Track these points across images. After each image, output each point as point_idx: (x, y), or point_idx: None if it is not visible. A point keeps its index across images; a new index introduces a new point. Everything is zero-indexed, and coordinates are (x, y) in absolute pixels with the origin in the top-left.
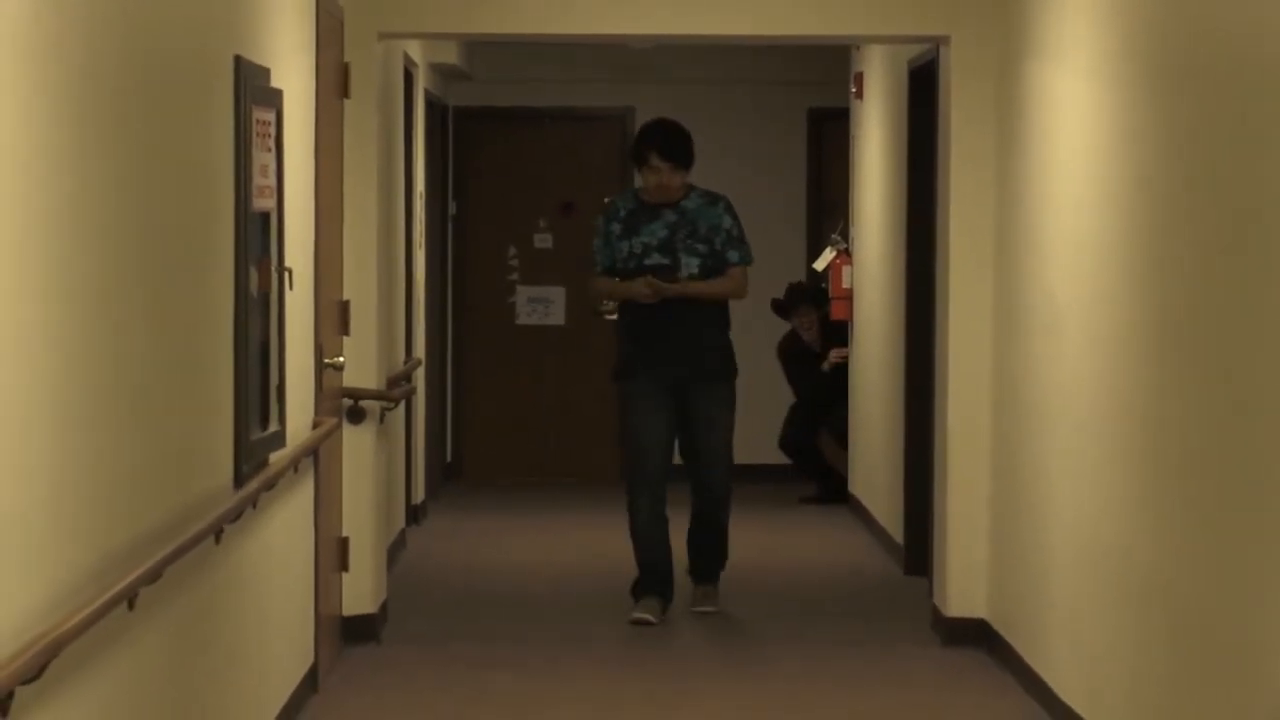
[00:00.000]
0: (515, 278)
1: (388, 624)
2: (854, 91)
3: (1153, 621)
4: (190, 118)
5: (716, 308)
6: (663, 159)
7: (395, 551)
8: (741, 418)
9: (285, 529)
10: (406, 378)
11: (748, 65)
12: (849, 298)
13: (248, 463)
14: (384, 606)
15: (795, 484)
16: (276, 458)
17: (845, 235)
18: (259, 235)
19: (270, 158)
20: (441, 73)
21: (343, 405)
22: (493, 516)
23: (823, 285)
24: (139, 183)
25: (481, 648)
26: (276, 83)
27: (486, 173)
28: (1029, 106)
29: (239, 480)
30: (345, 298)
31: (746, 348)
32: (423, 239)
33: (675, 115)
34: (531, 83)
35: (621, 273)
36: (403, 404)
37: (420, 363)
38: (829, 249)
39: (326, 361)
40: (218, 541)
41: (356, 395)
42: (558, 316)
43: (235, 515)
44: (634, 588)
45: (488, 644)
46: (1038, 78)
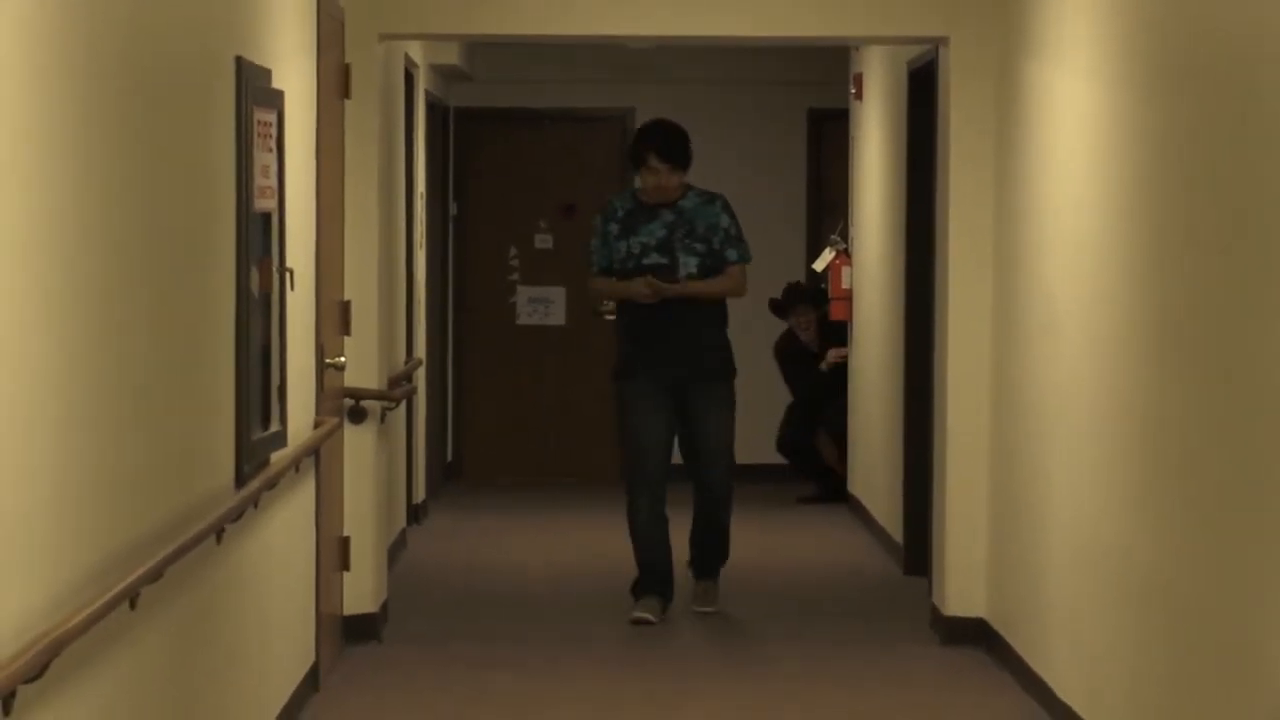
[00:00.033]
0: (516, 278)
1: (388, 623)
2: (853, 92)
3: (1152, 621)
4: (192, 118)
5: (715, 307)
6: (661, 160)
7: (396, 551)
8: (740, 418)
9: (286, 528)
10: (407, 378)
11: (748, 66)
12: (848, 298)
13: (249, 462)
14: (385, 606)
15: (794, 484)
16: (278, 457)
17: (845, 236)
18: (260, 236)
19: (271, 158)
20: (442, 73)
21: (344, 405)
22: (493, 516)
23: (822, 285)
24: (141, 183)
25: (482, 647)
26: (278, 84)
27: (487, 173)
28: (1028, 107)
29: (240, 480)
30: (346, 298)
31: (745, 347)
32: (423, 239)
33: (675, 116)
34: (532, 83)
35: (620, 273)
36: (403, 404)
37: (421, 363)
38: (828, 249)
39: (327, 361)
40: (219, 541)
41: (357, 395)
42: (558, 317)
43: (236, 515)
44: (634, 587)
45: (488, 643)
46: (1037, 78)
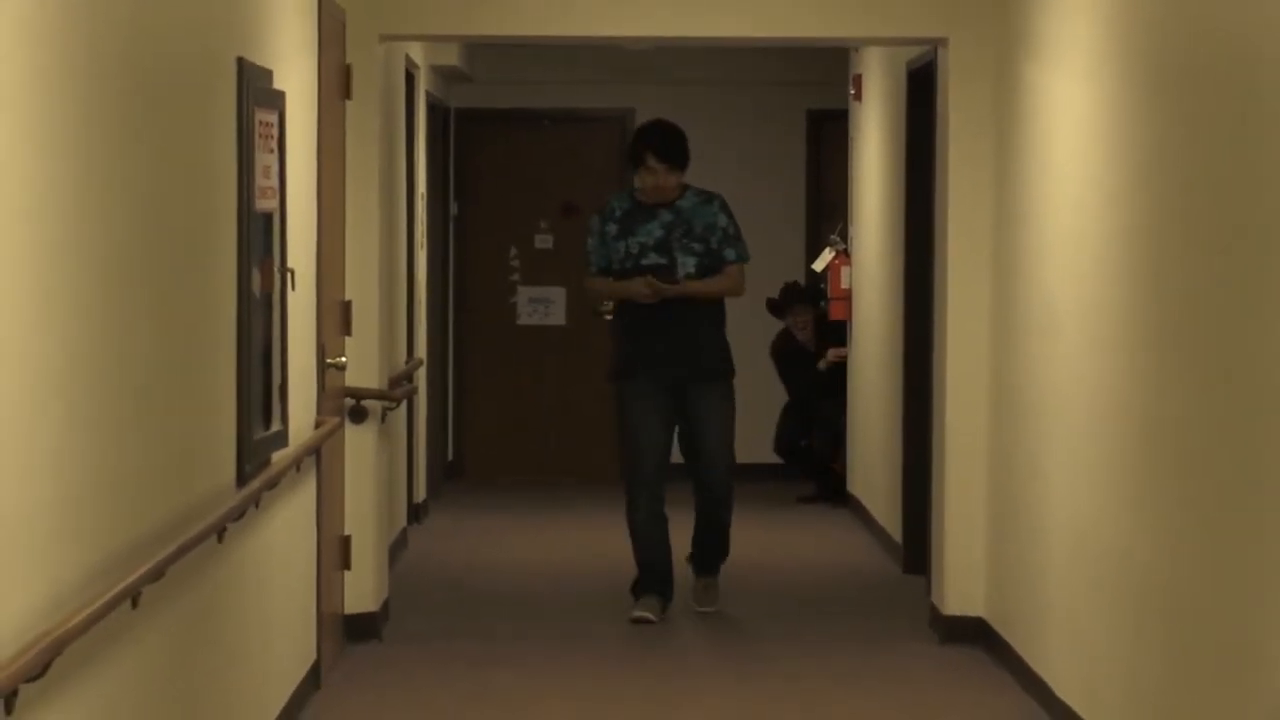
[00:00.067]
0: (516, 278)
1: (389, 622)
2: (853, 93)
3: (1150, 620)
4: (193, 119)
5: (714, 307)
6: (659, 160)
7: (397, 550)
8: (739, 417)
9: (287, 528)
10: (408, 377)
11: (747, 67)
12: (848, 298)
13: (250, 462)
14: (386, 605)
15: (793, 483)
16: (279, 457)
17: (844, 236)
18: (261, 236)
19: (273, 159)
20: (443, 74)
21: (345, 405)
22: (494, 515)
23: (822, 286)
24: (142, 184)
25: (482, 646)
26: (279, 84)
27: (487, 174)
28: (1027, 108)
29: (241, 479)
30: (347, 298)
31: (742, 347)
32: (424, 239)
33: (675, 116)
34: (532, 84)
35: (618, 273)
36: (404, 403)
37: (422, 362)
38: (828, 249)
39: (329, 361)
40: (220, 540)
41: (358, 395)
42: (558, 317)
43: (238, 514)
44: (634, 586)
45: (489, 642)
46: (1036, 79)
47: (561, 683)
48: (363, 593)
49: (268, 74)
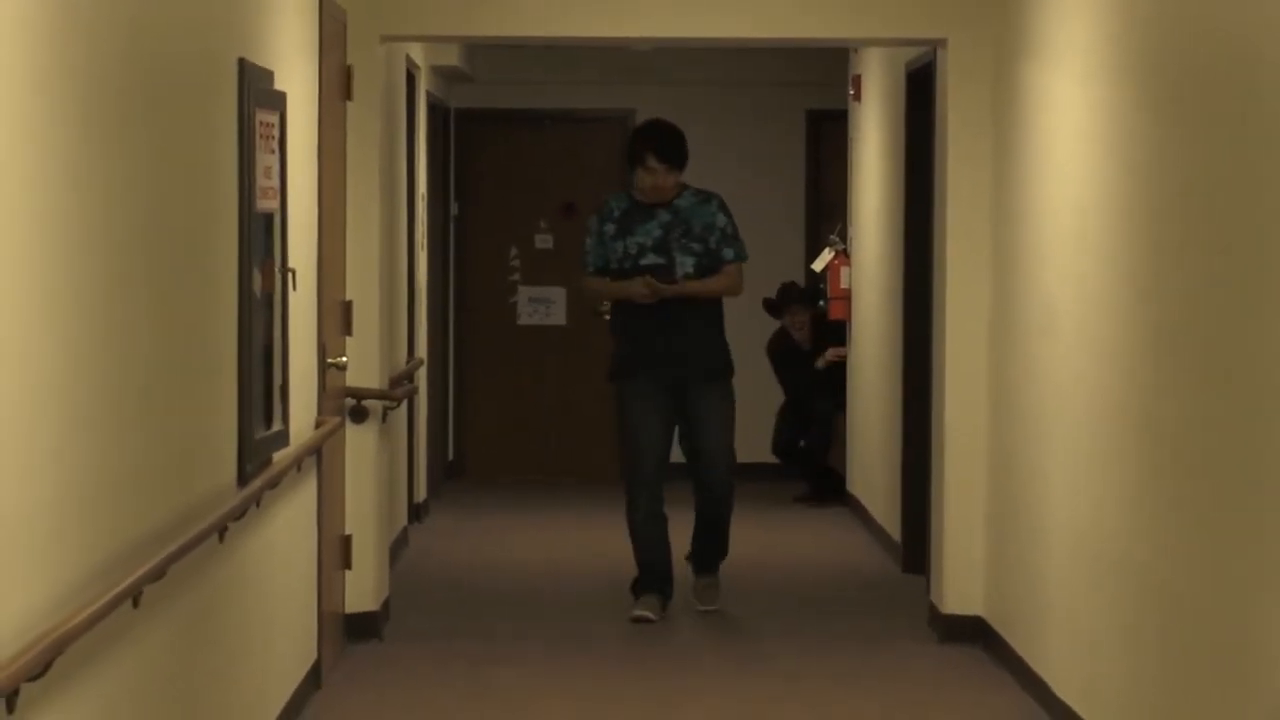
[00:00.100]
0: (516, 278)
1: (390, 621)
2: (852, 94)
3: (1149, 619)
4: (194, 120)
5: (712, 306)
6: (659, 160)
7: (397, 549)
8: (738, 417)
9: (288, 527)
10: (409, 377)
11: (747, 67)
12: (847, 298)
13: (251, 461)
14: (386, 604)
15: (792, 483)
16: (280, 456)
17: (843, 236)
18: (262, 236)
19: (274, 159)
20: (443, 75)
21: (345, 404)
22: (494, 515)
23: (821, 286)
24: (144, 184)
25: (483, 645)
26: (280, 85)
27: (488, 174)
28: (1026, 109)
29: (243, 479)
30: (348, 298)
31: (740, 347)
32: (425, 240)
33: (675, 117)
34: (533, 85)
35: (616, 273)
36: (405, 403)
37: (422, 362)
38: (827, 250)
39: (329, 361)
40: (221, 540)
41: (359, 395)
42: (559, 317)
43: (239, 514)
44: (634, 585)
45: (489, 641)
46: (1034, 80)
47: (562, 681)
48: (363, 592)
49: (269, 75)
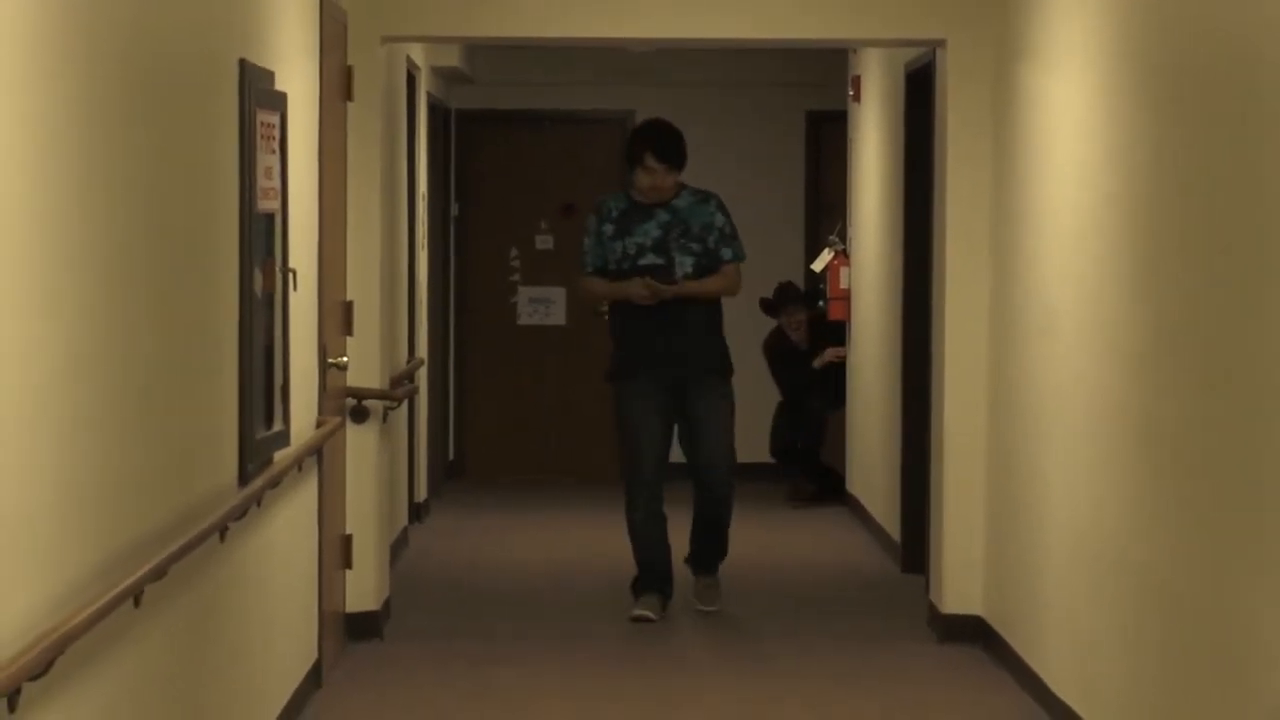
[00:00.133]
0: (517, 278)
1: (390, 620)
2: (851, 94)
3: (1147, 618)
4: (195, 120)
5: (711, 306)
6: (658, 160)
7: (398, 549)
8: (736, 417)
9: (289, 527)
10: (409, 377)
11: (747, 68)
12: (846, 298)
13: (252, 461)
14: (387, 603)
15: (792, 483)
16: (281, 456)
17: (843, 236)
18: (263, 236)
19: (274, 160)
20: (444, 76)
21: (346, 404)
22: (494, 514)
23: (821, 286)
24: (144, 185)
25: (483, 644)
26: (281, 86)
27: (488, 175)
28: (1025, 109)
29: (244, 479)
30: (349, 298)
31: (738, 347)
32: (425, 240)
33: (675, 118)
34: (533, 86)
35: (615, 273)
36: (405, 403)
37: (423, 362)
38: (827, 250)
39: (330, 361)
40: (222, 539)
41: (360, 394)
42: (559, 317)
43: (240, 513)
44: (634, 585)
45: (489, 640)
46: (1033, 81)
47: (562, 681)
48: (364, 591)
49: (269, 75)
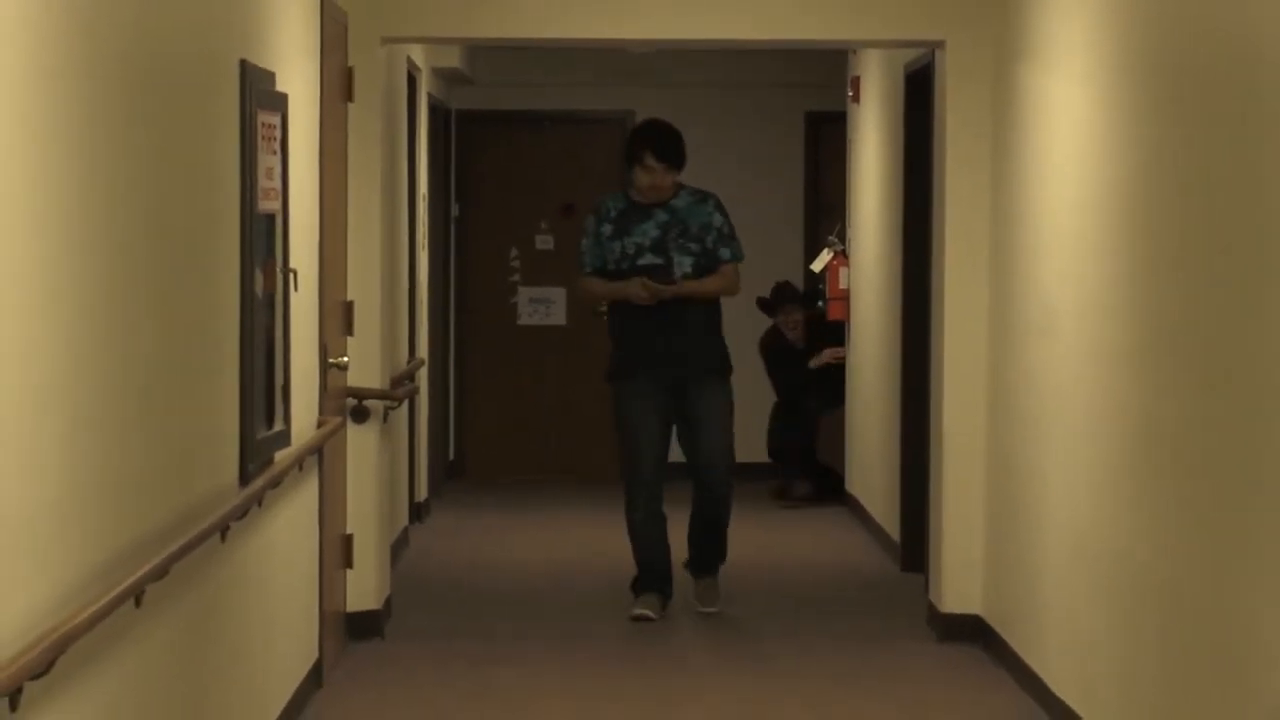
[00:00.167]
0: (517, 279)
1: (391, 620)
2: (851, 95)
3: (1146, 618)
4: (196, 121)
5: (710, 306)
6: (658, 159)
7: (398, 549)
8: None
9: (290, 527)
10: (410, 377)
11: (746, 69)
12: (846, 298)
13: (253, 461)
14: (388, 603)
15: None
16: (281, 456)
17: (842, 237)
18: (264, 237)
19: (275, 160)
20: (444, 77)
21: (347, 404)
22: (494, 514)
23: (820, 286)
24: (146, 185)
25: (483, 643)
26: (281, 87)
27: (489, 175)
28: (1024, 110)
29: (245, 478)
30: (349, 298)
31: (736, 346)
32: (426, 241)
33: (674, 118)
34: (533, 87)
35: (614, 274)
36: (406, 403)
37: (423, 362)
38: (826, 250)
39: (331, 361)
40: (223, 539)
41: (360, 394)
42: (559, 317)
43: (241, 513)
44: (634, 584)
45: (490, 640)
46: (1033, 82)
47: (562, 680)
48: (365, 591)
49: (270, 76)
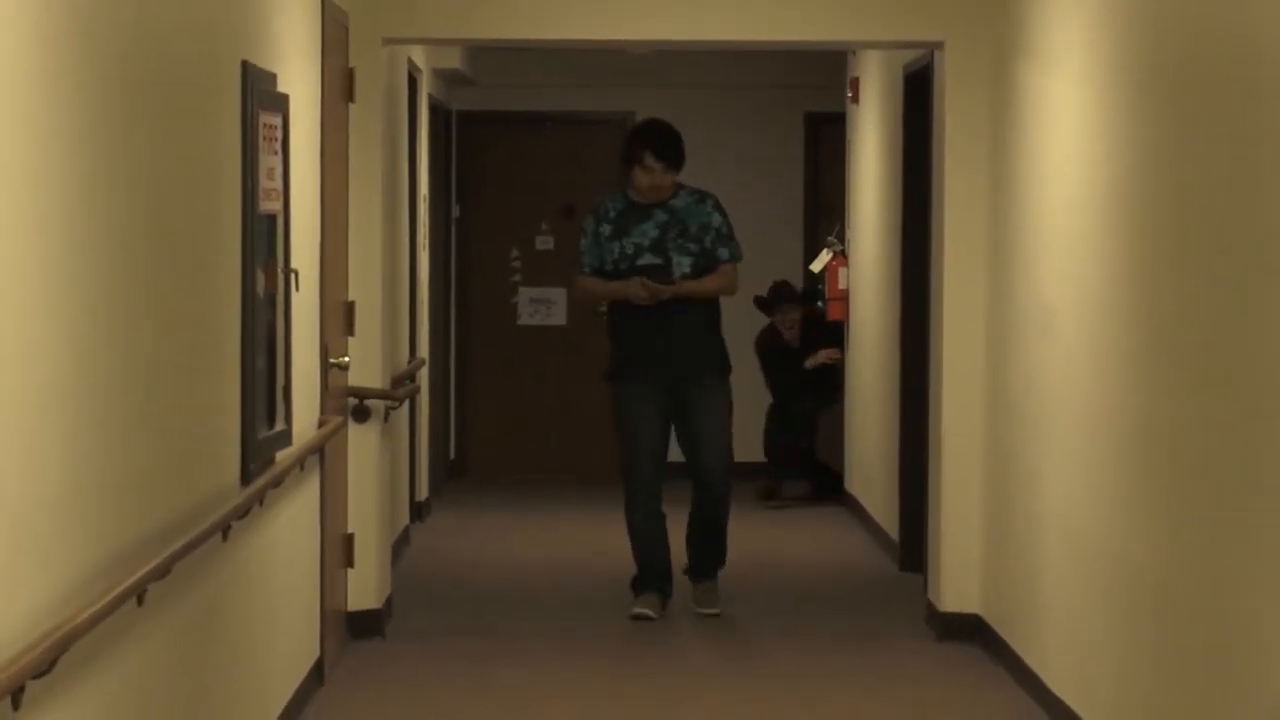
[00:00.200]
0: (517, 279)
1: (392, 619)
2: (850, 96)
3: (1144, 617)
4: (198, 121)
5: (709, 306)
6: (657, 159)
7: (399, 548)
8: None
9: (291, 526)
10: (410, 377)
11: (746, 70)
12: (845, 299)
13: (255, 461)
14: (388, 602)
15: (789, 482)
16: (283, 456)
17: (841, 237)
18: (265, 237)
19: (277, 161)
20: (445, 78)
21: (348, 404)
22: (495, 513)
23: (820, 287)
24: (147, 185)
25: (484, 642)
26: (283, 87)
27: (489, 176)
28: (1023, 111)
29: (246, 478)
30: (350, 299)
31: (735, 346)
32: (426, 241)
33: (674, 119)
34: (533, 87)
35: (613, 274)
36: (407, 403)
37: (424, 362)
38: (825, 251)
39: (332, 361)
40: (225, 538)
41: (361, 394)
42: (559, 317)
43: (242, 513)
44: (633, 583)
45: (490, 639)
46: (1031, 82)
47: (562, 679)
48: (366, 590)
49: (272, 77)
